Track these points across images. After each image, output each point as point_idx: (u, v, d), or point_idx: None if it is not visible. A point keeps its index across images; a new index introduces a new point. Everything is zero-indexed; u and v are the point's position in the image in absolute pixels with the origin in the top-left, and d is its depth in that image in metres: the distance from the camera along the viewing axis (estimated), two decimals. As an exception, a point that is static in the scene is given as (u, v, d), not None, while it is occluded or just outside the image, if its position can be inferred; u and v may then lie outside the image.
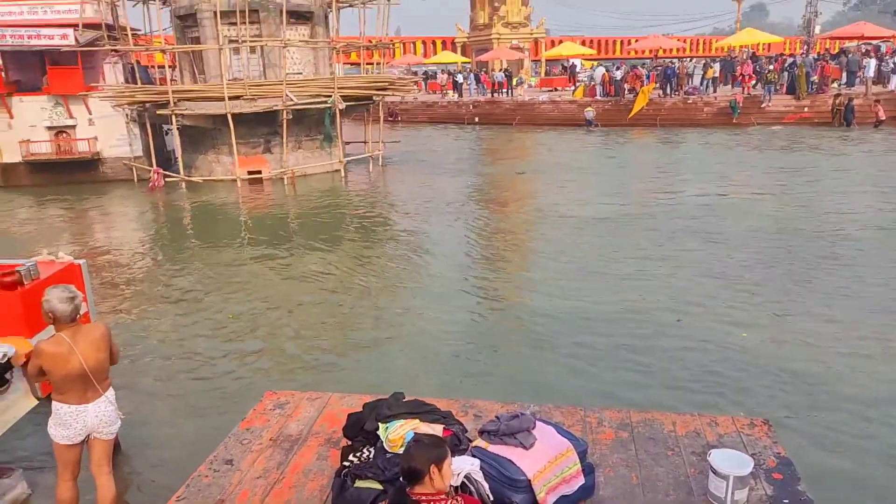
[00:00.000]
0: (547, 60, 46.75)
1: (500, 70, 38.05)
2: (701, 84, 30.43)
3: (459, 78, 38.57)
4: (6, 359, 4.40)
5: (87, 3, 19.78)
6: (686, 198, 14.42)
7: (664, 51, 44.74)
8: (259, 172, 19.26)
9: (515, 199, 16.00)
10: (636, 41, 48.00)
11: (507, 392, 5.97)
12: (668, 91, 28.83)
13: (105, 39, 19.54)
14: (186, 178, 19.07)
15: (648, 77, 29.07)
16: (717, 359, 6.59)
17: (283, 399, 4.01)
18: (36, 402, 4.71)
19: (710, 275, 9.18)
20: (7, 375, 4.45)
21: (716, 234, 11.24)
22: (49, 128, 19.91)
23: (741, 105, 26.31)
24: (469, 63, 46.17)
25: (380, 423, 3.20)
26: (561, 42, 48.25)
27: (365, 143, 22.24)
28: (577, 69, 39.08)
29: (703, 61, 38.51)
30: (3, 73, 19.87)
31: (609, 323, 7.62)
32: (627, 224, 12.33)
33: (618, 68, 32.67)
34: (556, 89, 36.78)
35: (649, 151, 22.52)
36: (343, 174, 19.76)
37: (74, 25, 19.14)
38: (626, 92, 29.24)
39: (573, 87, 34.74)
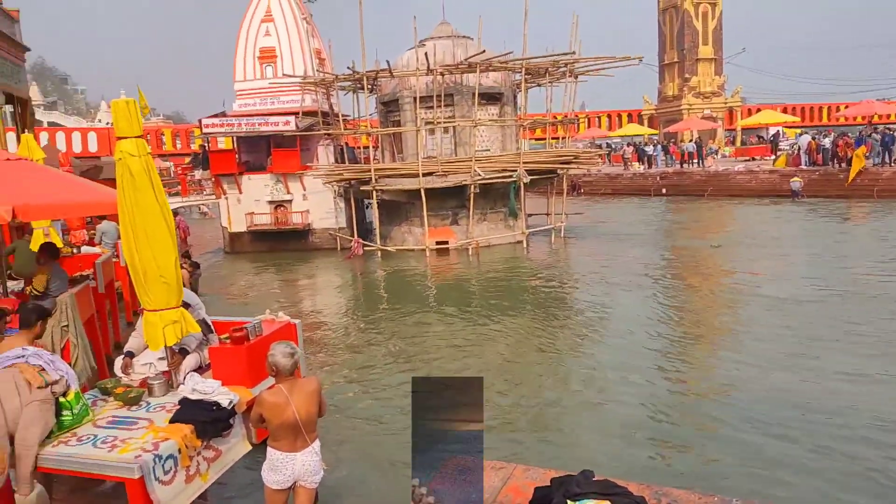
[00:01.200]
0: (742, 129, 44.46)
1: (691, 140, 36.82)
2: (927, 152, 26.97)
3: (649, 149, 37.87)
4: (232, 405, 4.97)
5: (307, 93, 22.63)
6: (915, 278, 12.67)
7: (879, 116, 40.48)
8: (446, 242, 20.21)
9: (709, 275, 15.04)
10: (846, 107, 44.10)
11: (702, 482, 5.53)
12: (889, 160, 25.92)
13: (320, 124, 22.08)
14: (382, 247, 20.56)
15: (858, 143, 26.37)
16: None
17: (469, 465, 4.05)
18: (250, 447, 5.22)
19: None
20: (231, 420, 5.00)
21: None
22: (270, 202, 22.74)
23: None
24: (656, 134, 45.28)
25: (568, 501, 3.12)
26: (759, 110, 45.69)
27: (548, 214, 22.50)
28: (780, 137, 36.69)
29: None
30: (236, 156, 23.19)
31: (824, 415, 6.80)
32: (842, 307, 10.97)
33: (825, 136, 30.12)
34: (753, 159, 34.67)
35: (866, 225, 20.20)
36: (525, 245, 20.05)
37: (296, 113, 21.92)
38: (836, 160, 26.74)
39: (774, 157, 32.55)
